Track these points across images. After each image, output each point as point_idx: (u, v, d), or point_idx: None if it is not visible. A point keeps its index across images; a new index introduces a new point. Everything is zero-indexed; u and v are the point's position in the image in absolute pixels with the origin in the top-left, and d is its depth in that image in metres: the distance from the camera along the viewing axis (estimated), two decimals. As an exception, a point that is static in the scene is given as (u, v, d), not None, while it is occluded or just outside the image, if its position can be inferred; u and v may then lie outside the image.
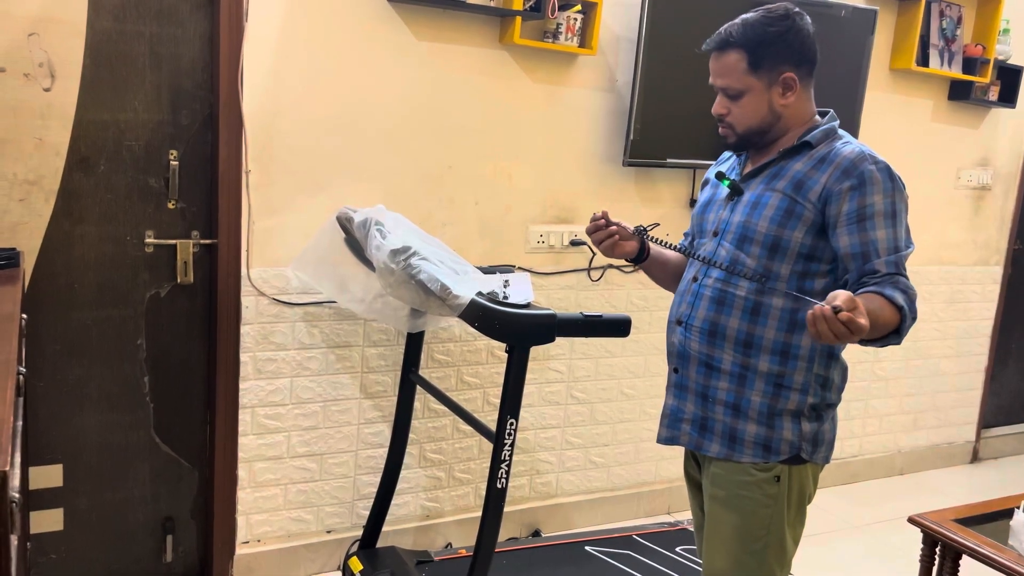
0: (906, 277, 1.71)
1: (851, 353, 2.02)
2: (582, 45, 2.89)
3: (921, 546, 2.46)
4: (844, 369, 1.88)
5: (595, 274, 3.15)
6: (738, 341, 1.80)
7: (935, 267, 4.02)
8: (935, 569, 2.44)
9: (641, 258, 2.00)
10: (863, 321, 1.45)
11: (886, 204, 1.71)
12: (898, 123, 3.74)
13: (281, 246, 2.63)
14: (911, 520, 2.46)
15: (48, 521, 2.54)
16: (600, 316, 2.07)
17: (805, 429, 1.81)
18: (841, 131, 1.84)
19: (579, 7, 2.84)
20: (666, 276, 2.07)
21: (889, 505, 3.79)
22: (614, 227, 1.91)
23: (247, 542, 2.76)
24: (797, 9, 1.80)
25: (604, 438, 3.34)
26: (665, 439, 1.95)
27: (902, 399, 4.08)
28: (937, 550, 2.42)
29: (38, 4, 2.27)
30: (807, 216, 1.75)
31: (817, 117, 1.86)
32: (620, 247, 1.94)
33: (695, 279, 1.89)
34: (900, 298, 1.65)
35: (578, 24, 2.86)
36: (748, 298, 1.79)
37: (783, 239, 1.76)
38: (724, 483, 1.86)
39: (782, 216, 1.76)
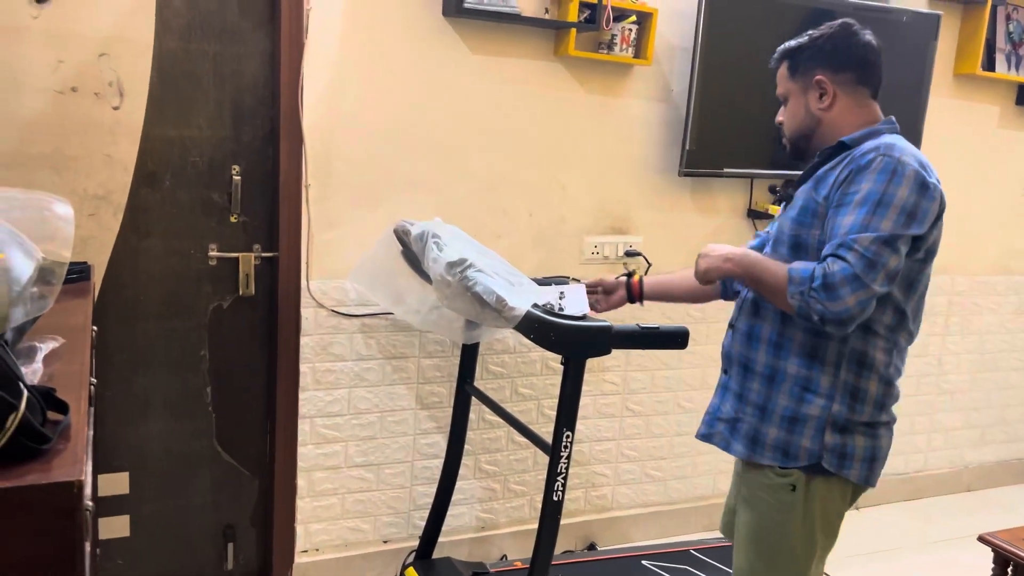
0: (855, 255, 1.59)
1: (915, 367, 1.97)
2: (637, 56, 2.88)
3: (992, 566, 2.38)
4: (887, 383, 1.79)
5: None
6: (770, 342, 1.82)
7: (1002, 276, 3.90)
8: (1007, 590, 2.36)
9: (637, 300, 2.34)
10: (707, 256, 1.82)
11: (870, 192, 1.64)
12: (963, 130, 3.64)
13: (340, 258, 2.67)
14: (981, 539, 2.39)
15: (115, 527, 2.61)
16: (657, 328, 2.05)
17: (828, 439, 1.76)
18: (889, 134, 1.77)
19: (634, 18, 2.83)
20: (683, 296, 2.30)
21: (957, 522, 3.68)
22: (599, 287, 2.38)
23: (306, 551, 2.80)
24: (849, 21, 1.83)
25: (661, 451, 3.31)
26: (701, 435, 2.00)
27: (969, 413, 3.96)
28: (1009, 570, 2.34)
29: (109, 25, 2.35)
30: (820, 212, 1.74)
31: (879, 126, 1.81)
32: (606, 301, 2.36)
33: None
34: (798, 267, 1.66)
35: (633, 35, 2.85)
36: None
37: (802, 236, 1.77)
38: (748, 483, 1.89)
39: (801, 214, 1.78)
